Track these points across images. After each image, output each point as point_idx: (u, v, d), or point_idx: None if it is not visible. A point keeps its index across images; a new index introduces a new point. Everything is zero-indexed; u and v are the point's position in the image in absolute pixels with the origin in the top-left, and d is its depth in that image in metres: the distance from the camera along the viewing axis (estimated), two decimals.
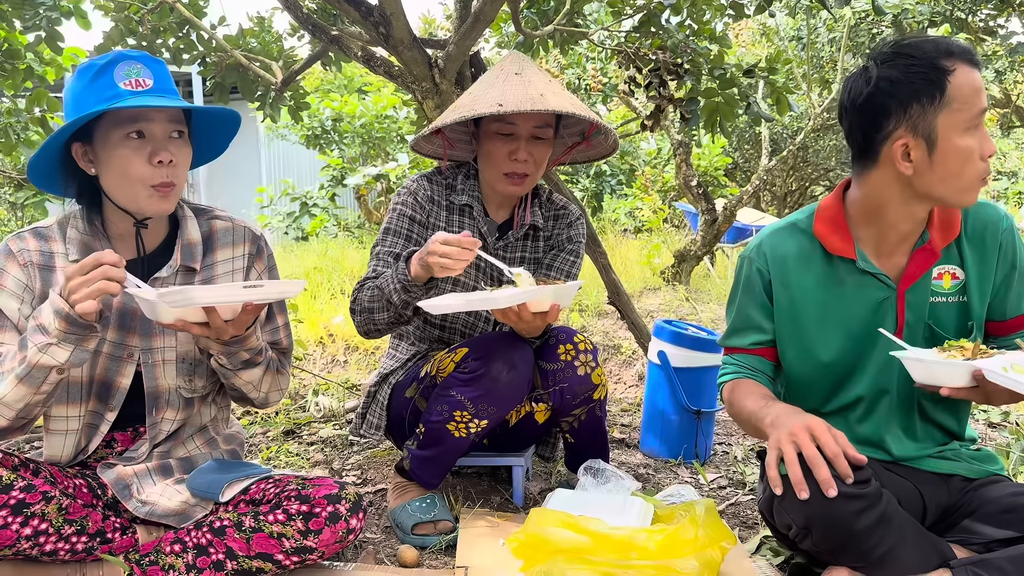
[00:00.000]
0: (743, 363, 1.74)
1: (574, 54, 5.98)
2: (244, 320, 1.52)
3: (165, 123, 1.54)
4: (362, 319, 1.94)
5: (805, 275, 1.65)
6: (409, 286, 1.80)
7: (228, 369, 1.65)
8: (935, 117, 1.45)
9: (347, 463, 2.47)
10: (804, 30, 7.73)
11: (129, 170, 1.52)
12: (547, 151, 2.01)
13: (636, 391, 3.45)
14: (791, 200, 11.28)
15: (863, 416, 1.66)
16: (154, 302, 1.43)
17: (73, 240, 1.61)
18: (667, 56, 3.06)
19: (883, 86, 1.48)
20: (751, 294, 1.71)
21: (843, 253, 1.61)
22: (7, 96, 3.51)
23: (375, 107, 8.88)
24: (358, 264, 6.40)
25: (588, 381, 1.96)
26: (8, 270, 1.58)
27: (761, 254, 1.69)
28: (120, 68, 1.50)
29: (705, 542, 1.56)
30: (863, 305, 1.62)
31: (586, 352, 1.96)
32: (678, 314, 4.80)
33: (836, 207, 1.64)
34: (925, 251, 1.58)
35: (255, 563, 1.55)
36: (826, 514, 1.41)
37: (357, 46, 2.80)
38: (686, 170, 5.67)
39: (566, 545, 1.58)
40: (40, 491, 1.47)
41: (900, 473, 1.64)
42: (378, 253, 2.01)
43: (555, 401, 1.98)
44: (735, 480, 2.35)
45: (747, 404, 1.64)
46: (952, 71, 1.44)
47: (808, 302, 1.65)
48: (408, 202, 2.06)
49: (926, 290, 1.61)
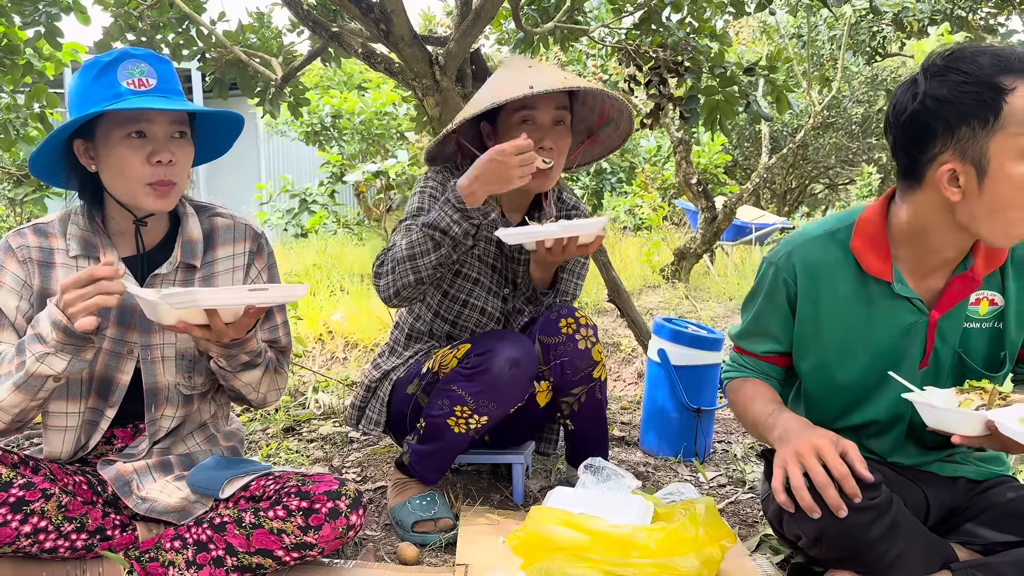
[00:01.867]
0: (753, 366, 1.70)
1: (574, 51, 5.98)
2: (245, 323, 1.52)
3: (166, 124, 1.54)
4: (395, 275, 1.87)
5: (835, 290, 1.54)
6: (469, 213, 1.81)
7: (227, 371, 1.64)
8: (987, 141, 1.30)
9: (347, 460, 2.47)
10: (804, 28, 7.72)
11: (128, 169, 1.52)
12: (567, 140, 2.01)
13: (635, 389, 3.45)
14: (790, 198, 11.29)
15: (875, 435, 1.62)
16: (156, 303, 1.42)
17: (74, 236, 1.61)
18: (667, 54, 3.06)
19: (930, 104, 1.34)
20: (773, 303, 1.61)
21: (880, 275, 1.50)
22: (6, 92, 3.50)
23: (375, 104, 8.86)
24: (357, 261, 6.39)
25: (589, 356, 1.96)
26: (7, 267, 1.58)
27: (790, 265, 1.57)
28: (124, 67, 1.50)
29: (705, 540, 1.56)
30: (891, 328, 1.52)
31: (587, 327, 1.97)
32: (677, 312, 4.80)
33: (878, 222, 1.51)
34: (966, 278, 1.47)
35: (255, 559, 1.55)
36: (837, 526, 1.39)
37: (357, 43, 2.80)
38: (686, 168, 5.67)
39: (566, 543, 1.58)
40: (39, 488, 1.47)
41: (905, 475, 1.62)
42: (408, 226, 1.95)
43: (555, 376, 1.98)
44: (735, 478, 2.35)
45: (754, 407, 1.59)
46: (1011, 90, 1.28)
47: (834, 319, 1.56)
48: (436, 186, 2.03)
49: (960, 317, 1.51)
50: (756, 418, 1.58)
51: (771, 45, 8.56)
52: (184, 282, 1.68)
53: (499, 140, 1.99)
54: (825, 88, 7.77)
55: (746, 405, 1.63)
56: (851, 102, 9.01)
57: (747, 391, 1.66)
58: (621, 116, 2.10)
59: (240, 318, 1.50)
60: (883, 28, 7.31)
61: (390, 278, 1.88)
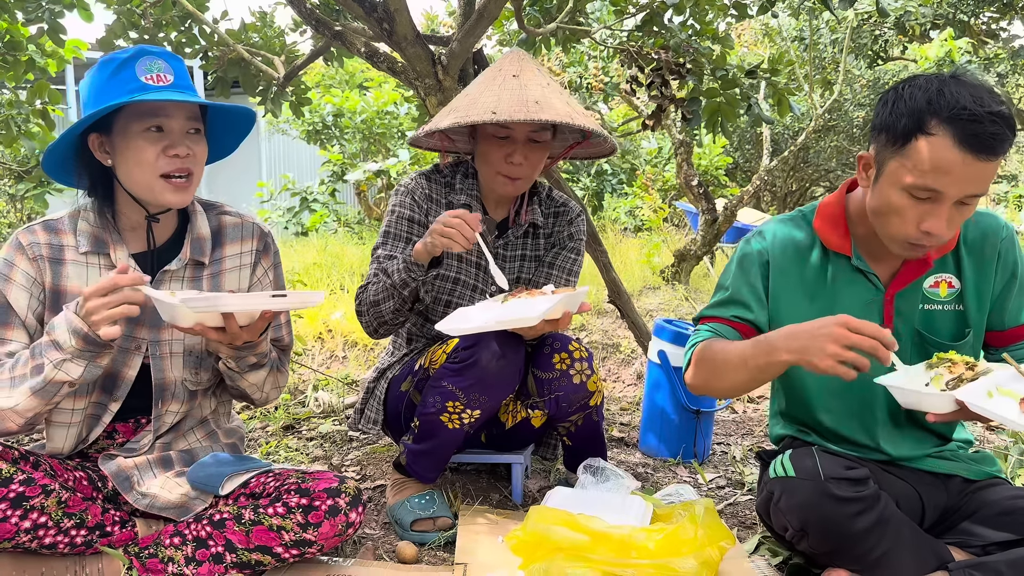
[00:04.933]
0: (716, 330, 1.65)
1: (576, 52, 5.98)
2: (259, 326, 1.56)
3: (183, 120, 1.56)
4: (369, 316, 1.97)
5: (803, 265, 1.65)
6: (411, 265, 1.84)
7: (235, 372, 1.68)
8: (889, 157, 1.45)
9: (346, 459, 2.47)
10: (807, 31, 7.73)
11: (144, 160, 1.54)
12: (543, 154, 2.02)
13: (634, 390, 3.46)
14: (791, 200, 11.28)
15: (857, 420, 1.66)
16: (175, 305, 1.44)
17: (84, 232, 1.62)
18: (669, 56, 3.06)
19: (881, 101, 1.50)
20: (746, 272, 1.67)
21: (839, 249, 1.63)
22: (8, 88, 3.51)
23: (376, 103, 8.87)
24: (357, 260, 6.40)
25: (584, 389, 1.96)
26: (17, 264, 1.59)
27: (764, 237, 1.69)
28: (142, 63, 1.53)
29: (704, 542, 1.56)
30: (852, 303, 1.62)
31: (581, 360, 1.95)
32: (677, 313, 4.81)
33: (838, 204, 1.65)
34: (918, 259, 1.58)
35: (254, 556, 1.55)
36: (822, 516, 1.41)
37: (360, 42, 2.80)
38: (687, 169, 5.67)
39: (565, 543, 1.58)
40: (40, 484, 1.47)
41: (899, 474, 1.64)
42: (378, 256, 2.02)
43: (551, 409, 1.98)
44: (733, 480, 2.35)
45: (734, 348, 1.53)
46: (928, 134, 1.39)
47: (802, 293, 1.65)
48: (406, 202, 2.06)
49: (917, 297, 1.62)
50: (743, 352, 1.50)
51: (773, 48, 8.56)
52: (193, 279, 1.70)
53: (477, 143, 2.05)
54: (827, 91, 7.78)
55: (724, 350, 1.55)
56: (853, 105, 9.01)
57: (718, 343, 1.59)
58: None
59: (254, 322, 1.54)
60: (885, 32, 7.30)
61: (366, 318, 2.00)
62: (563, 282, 2.14)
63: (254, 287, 1.78)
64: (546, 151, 2.03)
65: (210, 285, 1.72)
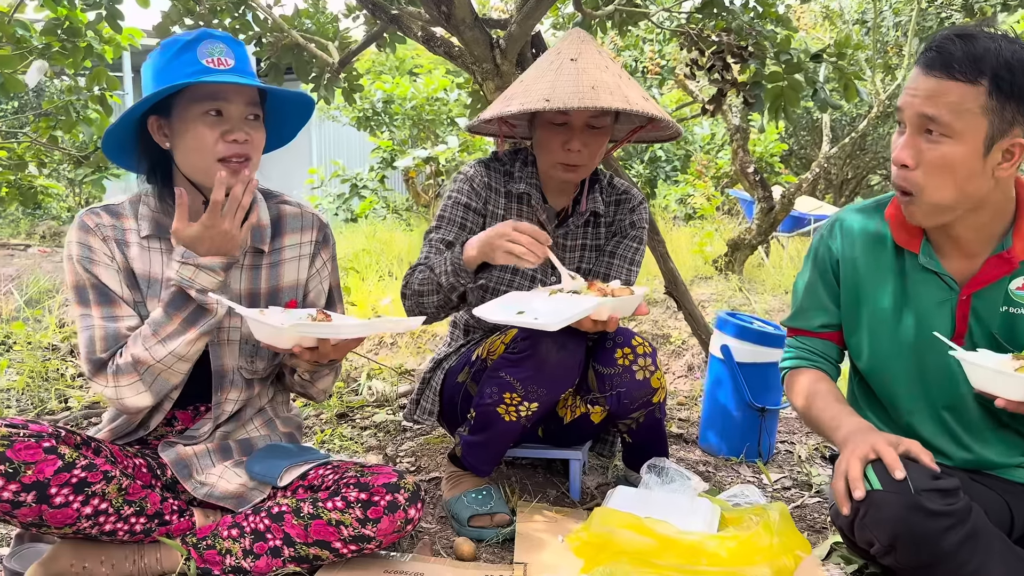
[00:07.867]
0: (808, 346, 1.67)
1: (631, 36, 5.86)
2: (349, 346, 1.57)
3: (243, 105, 1.55)
4: (412, 303, 1.91)
5: (874, 259, 1.57)
6: (460, 270, 1.77)
7: (308, 383, 1.71)
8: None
9: (400, 449, 2.44)
10: (869, 13, 7.46)
11: (203, 144, 1.52)
12: (603, 140, 1.95)
13: (685, 382, 3.37)
14: (847, 189, 10.99)
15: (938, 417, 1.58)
16: (280, 329, 1.47)
17: (145, 217, 1.62)
18: (731, 38, 2.95)
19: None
20: (820, 271, 1.64)
21: (908, 246, 1.54)
22: (68, 74, 3.54)
23: (426, 89, 8.85)
24: (406, 246, 6.39)
25: (647, 386, 1.88)
26: (92, 244, 1.59)
27: (834, 231, 1.62)
28: (204, 46, 1.52)
29: (779, 550, 1.49)
30: (923, 303, 1.53)
31: (645, 356, 1.88)
32: (730, 304, 4.70)
33: None
34: (1002, 259, 1.47)
35: (312, 550, 1.53)
36: (912, 532, 1.32)
37: (417, 26, 2.75)
38: (743, 156, 5.53)
39: (631, 547, 1.52)
40: (101, 471, 1.46)
41: (987, 484, 1.54)
42: (431, 240, 1.97)
43: (612, 405, 1.91)
44: (800, 481, 2.26)
45: (816, 404, 1.58)
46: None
47: (873, 287, 1.57)
48: (464, 189, 2.01)
49: (999, 298, 1.49)
50: (819, 417, 1.56)
51: (833, 31, 8.30)
52: (252, 267, 1.69)
53: (535, 129, 1.98)
54: (888, 76, 7.51)
55: (808, 402, 1.60)
56: None
57: (807, 385, 1.62)
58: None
59: (348, 341, 1.55)
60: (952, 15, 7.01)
61: (409, 303, 1.94)
62: (625, 272, 2.08)
63: (312, 278, 1.76)
64: (606, 137, 1.95)
65: (269, 274, 1.70)
